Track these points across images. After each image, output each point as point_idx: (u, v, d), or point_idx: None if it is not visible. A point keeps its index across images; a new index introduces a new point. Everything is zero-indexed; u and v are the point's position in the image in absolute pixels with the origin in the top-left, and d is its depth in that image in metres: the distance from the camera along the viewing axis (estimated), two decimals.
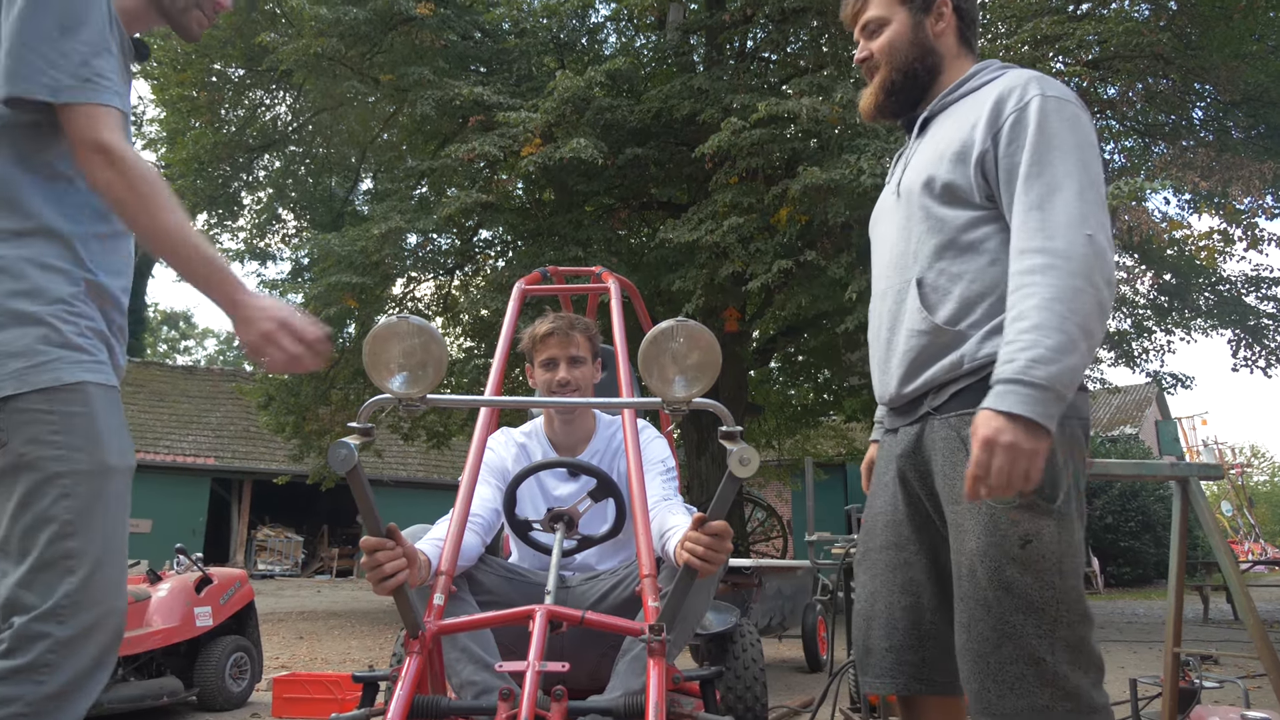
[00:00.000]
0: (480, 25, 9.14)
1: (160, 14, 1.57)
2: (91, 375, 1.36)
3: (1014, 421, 1.34)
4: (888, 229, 1.74)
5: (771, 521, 12.32)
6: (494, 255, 10.62)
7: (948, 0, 1.72)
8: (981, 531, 1.46)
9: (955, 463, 1.52)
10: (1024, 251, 1.44)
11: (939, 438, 1.56)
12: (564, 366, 2.35)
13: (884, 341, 1.69)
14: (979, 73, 1.69)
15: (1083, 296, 1.38)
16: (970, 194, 1.56)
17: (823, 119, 6.93)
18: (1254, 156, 8.47)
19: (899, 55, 1.71)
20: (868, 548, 1.74)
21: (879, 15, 1.72)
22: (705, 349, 1.43)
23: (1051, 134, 1.48)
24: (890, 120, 1.80)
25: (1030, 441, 1.34)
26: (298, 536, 18.61)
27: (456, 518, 2.00)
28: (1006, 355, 1.39)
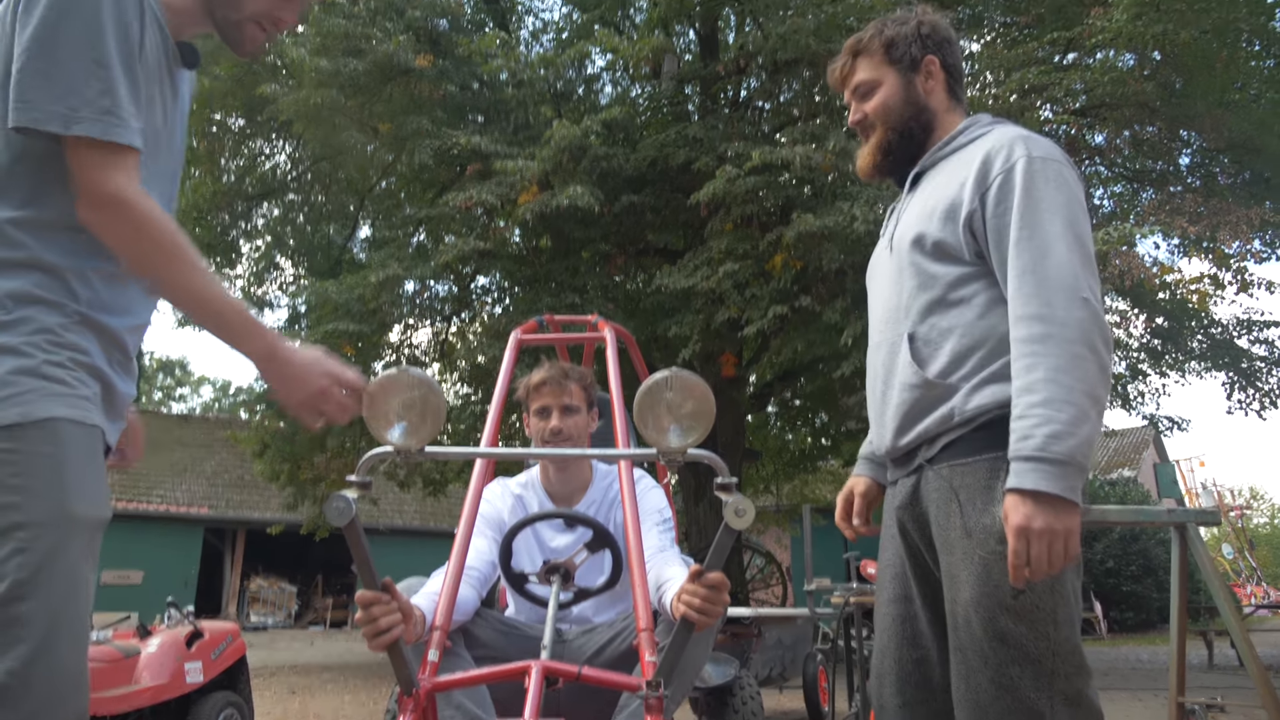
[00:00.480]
0: (478, 76, 9.29)
1: (211, 22, 1.41)
2: (67, 410, 1.18)
3: (1041, 502, 1.35)
4: (881, 283, 1.76)
5: (771, 568, 12.20)
6: (491, 302, 10.67)
7: (934, 58, 1.74)
8: (975, 581, 1.46)
9: (948, 513, 1.52)
10: (1022, 318, 1.45)
11: (932, 489, 1.57)
12: (557, 415, 2.35)
13: (879, 395, 1.71)
14: (968, 128, 1.71)
15: (1086, 364, 1.39)
16: (959, 251, 1.58)
17: (815, 167, 7.03)
18: (1241, 202, 8.58)
19: (894, 116, 1.73)
20: (880, 600, 1.73)
21: (869, 78, 1.75)
22: (700, 399, 1.42)
23: (1039, 196, 1.49)
24: (889, 179, 1.82)
25: (1062, 520, 1.35)
26: (291, 587, 18.37)
27: (452, 571, 1.98)
28: (1021, 431, 1.39)
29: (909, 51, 1.73)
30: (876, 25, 1.79)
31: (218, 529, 17.97)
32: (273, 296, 12.69)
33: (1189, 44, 7.25)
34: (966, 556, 1.47)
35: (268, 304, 12.67)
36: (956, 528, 1.50)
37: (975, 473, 1.51)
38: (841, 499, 1.92)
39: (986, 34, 10.44)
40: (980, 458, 1.51)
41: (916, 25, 1.75)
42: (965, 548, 1.48)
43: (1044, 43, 8.05)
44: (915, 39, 1.73)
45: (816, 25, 7.36)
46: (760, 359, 8.97)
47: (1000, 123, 1.70)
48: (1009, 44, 9.25)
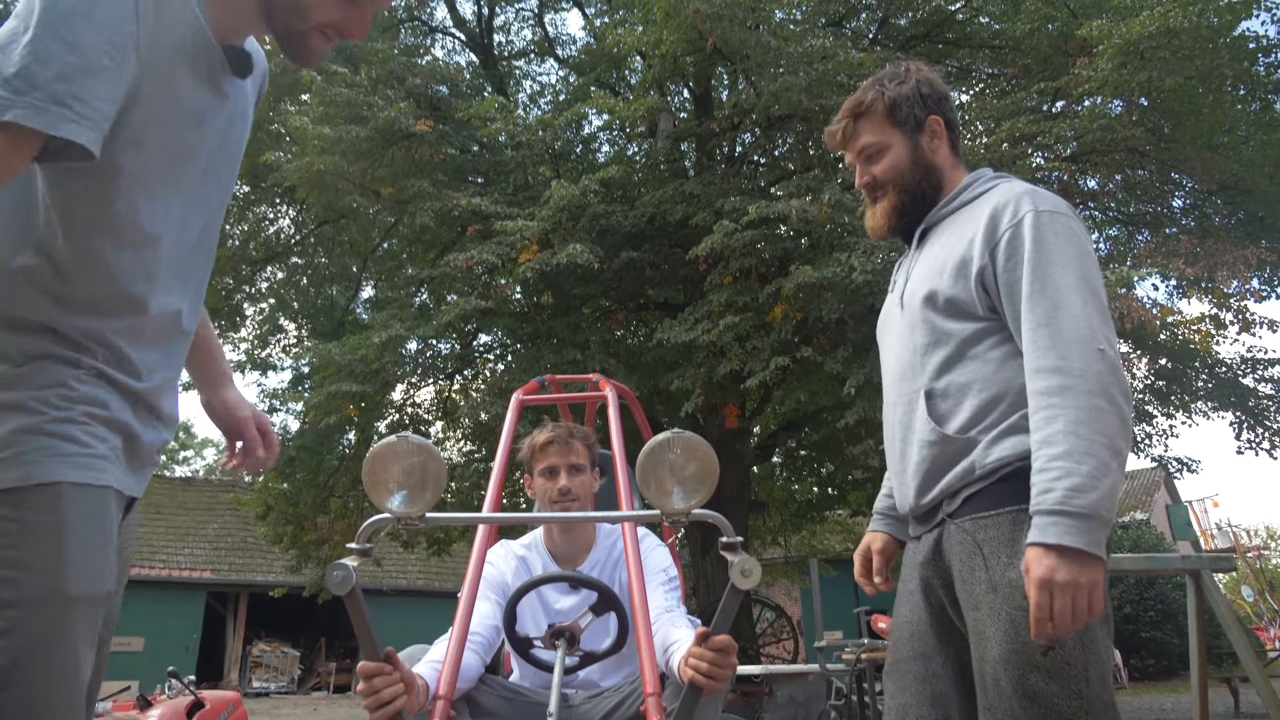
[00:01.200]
0: (478, 139, 9.46)
1: (269, 28, 1.27)
2: (75, 473, 1.08)
3: (1064, 556, 1.33)
4: (893, 339, 1.77)
5: (781, 622, 12.01)
6: (493, 359, 10.70)
7: (938, 117, 1.74)
8: (1003, 639, 1.42)
9: (972, 568, 1.50)
10: (1039, 371, 1.44)
11: (955, 543, 1.55)
12: (565, 475, 2.34)
13: (898, 453, 1.70)
14: (973, 184, 1.72)
15: (1106, 416, 1.38)
16: (973, 307, 1.58)
17: (812, 219, 7.11)
18: (1236, 242, 8.65)
19: (905, 178, 1.73)
20: (896, 658, 1.70)
21: (875, 140, 1.74)
22: (702, 460, 1.43)
23: (1049, 249, 1.50)
24: (899, 238, 1.82)
25: (1086, 574, 1.33)
26: (294, 651, 18.09)
27: (455, 637, 1.95)
28: (1042, 485, 1.37)
29: (913, 113, 1.73)
30: (875, 86, 1.77)
31: (220, 593, 17.77)
32: (276, 359, 12.74)
33: (1175, 90, 7.38)
34: (993, 612, 1.45)
35: (271, 366, 12.73)
36: (981, 583, 1.48)
37: (998, 526, 1.49)
38: (859, 556, 1.91)
39: (975, 85, 10.65)
40: (1003, 510, 1.49)
41: (916, 85, 1.75)
42: (991, 603, 1.45)
43: (1032, 92, 8.20)
44: (917, 99, 1.73)
45: (808, 82, 7.50)
46: (763, 410, 8.96)
47: (1004, 178, 1.71)
48: (997, 94, 9.43)
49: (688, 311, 7.97)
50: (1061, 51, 8.59)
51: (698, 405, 7.77)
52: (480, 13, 12.38)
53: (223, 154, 1.30)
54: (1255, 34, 8.52)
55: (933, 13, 10.00)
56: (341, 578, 1.32)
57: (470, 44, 12.50)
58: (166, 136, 1.16)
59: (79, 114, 1.00)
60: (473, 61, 12.28)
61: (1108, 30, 6.99)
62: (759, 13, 7.70)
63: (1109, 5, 8.11)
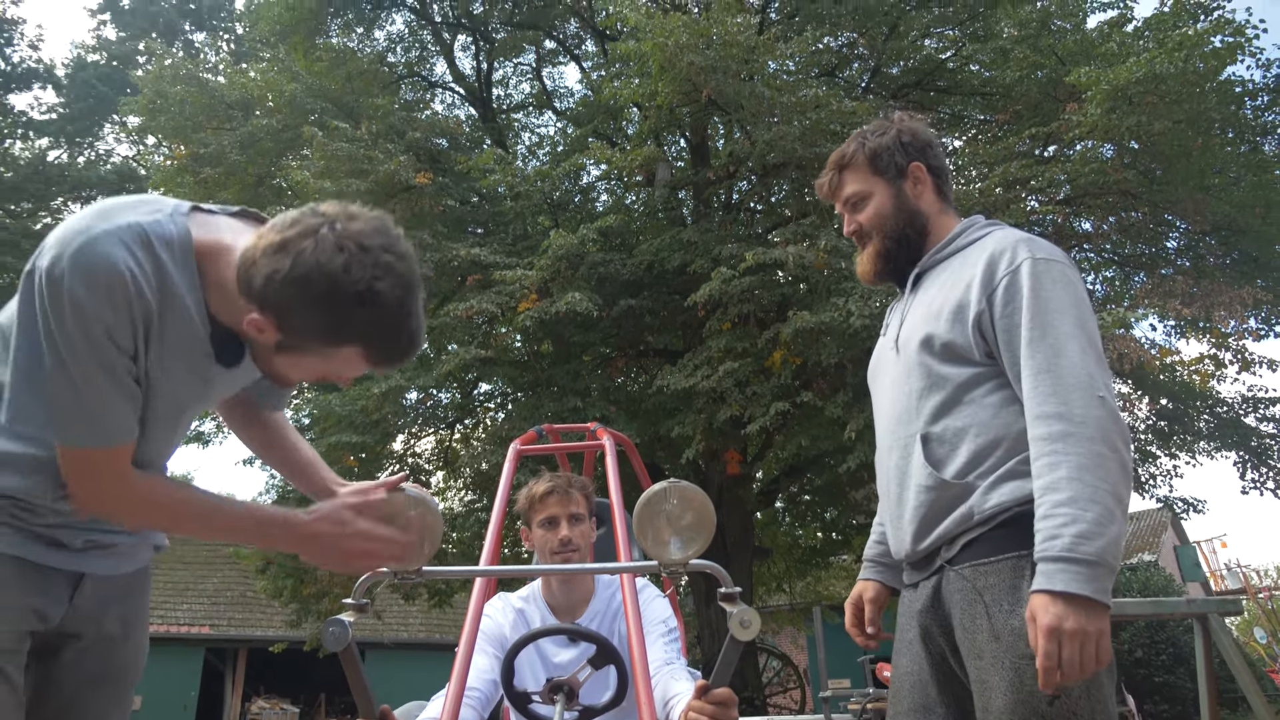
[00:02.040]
0: (477, 190, 9.58)
1: None
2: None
3: (1072, 604, 1.31)
4: (886, 383, 1.76)
5: (788, 671, 11.82)
6: (494, 408, 10.70)
7: (920, 164, 1.77)
8: (1007, 688, 1.40)
9: (973, 616, 1.48)
10: (1040, 417, 1.44)
11: (955, 590, 1.53)
12: (565, 525, 2.32)
13: (894, 498, 1.68)
14: (966, 230, 1.74)
15: (1108, 463, 1.38)
16: (970, 352, 1.58)
17: (809, 265, 7.17)
18: (1232, 282, 8.69)
19: (888, 224, 1.76)
20: (897, 710, 1.67)
21: (859, 189, 1.79)
22: (699, 509, 1.42)
23: (1046, 296, 1.51)
24: (890, 282, 1.84)
25: (1094, 622, 1.31)
26: (294, 707, 17.76)
27: (452, 694, 1.92)
28: (1048, 531, 1.36)
29: (894, 160, 1.77)
30: (858, 138, 1.81)
31: (219, 649, 17.51)
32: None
33: (1164, 133, 7.49)
34: (996, 662, 1.42)
35: None
36: (983, 631, 1.46)
37: (999, 573, 1.47)
38: (851, 606, 1.88)
39: (968, 131, 10.82)
40: (1003, 557, 1.47)
41: (897, 134, 1.79)
42: (994, 652, 1.43)
43: (1023, 137, 8.32)
44: (898, 148, 1.77)
45: (802, 131, 7.62)
46: (765, 456, 8.94)
47: (998, 225, 1.72)
48: (989, 140, 9.57)
49: (687, 358, 7.99)
50: (1051, 97, 8.75)
51: (699, 451, 7.75)
52: (479, 68, 12.63)
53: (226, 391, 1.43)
54: (1241, 79, 8.69)
55: (923, 61, 10.20)
56: (337, 634, 1.30)
57: (469, 98, 12.72)
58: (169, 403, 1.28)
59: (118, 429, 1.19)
60: (472, 115, 12.50)
61: (1095, 76, 7.12)
62: (752, 64, 7.85)
63: (1096, 52, 8.27)
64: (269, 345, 1.19)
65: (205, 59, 16.14)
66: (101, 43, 20.31)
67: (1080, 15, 9.45)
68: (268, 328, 1.15)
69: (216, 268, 1.21)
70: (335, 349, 1.18)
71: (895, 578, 1.83)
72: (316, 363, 1.22)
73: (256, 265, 1.13)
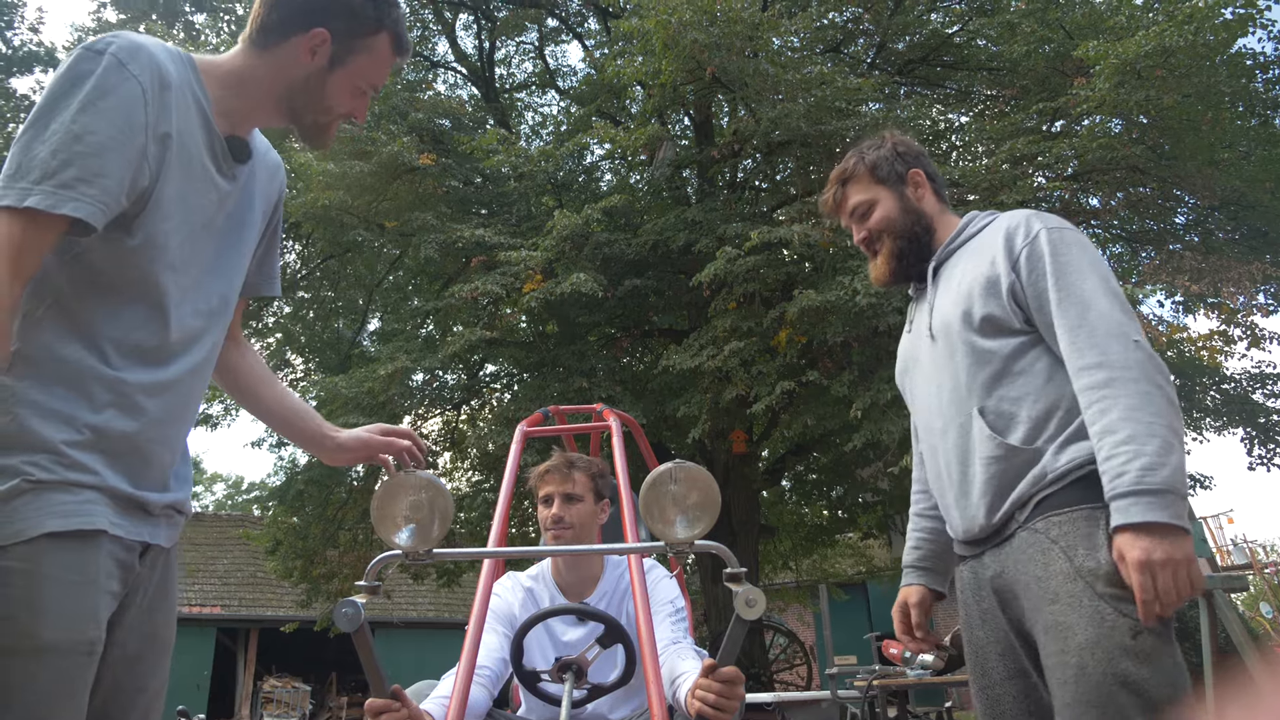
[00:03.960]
0: (480, 171, 9.55)
1: (290, 120, 1.41)
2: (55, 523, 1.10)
3: (1155, 534, 1.35)
4: (928, 373, 1.79)
5: (794, 648, 11.89)
6: (500, 389, 10.72)
7: (918, 170, 1.88)
8: (1088, 624, 1.42)
9: (1047, 563, 1.50)
10: (1083, 369, 1.50)
11: (1025, 545, 1.55)
12: (558, 503, 2.35)
13: (957, 477, 1.70)
14: (972, 221, 1.83)
15: (1156, 399, 1.43)
16: (1010, 321, 1.64)
17: (814, 243, 7.14)
18: (1240, 257, 8.64)
19: (897, 225, 1.85)
20: (987, 682, 1.68)
21: (864, 199, 1.88)
22: (704, 489, 1.44)
23: (1066, 260, 1.59)
24: (905, 283, 1.91)
25: (1179, 548, 1.35)
26: (305, 686, 17.95)
27: (462, 673, 1.94)
28: (1114, 470, 1.41)
29: (894, 168, 1.87)
30: (855, 154, 1.92)
31: (230, 629, 17.69)
32: None
33: (1173, 107, 7.42)
34: (1074, 601, 1.44)
35: None
36: (1060, 574, 1.47)
37: (1073, 522, 1.50)
38: (897, 612, 1.92)
39: (975, 106, 10.72)
40: (1078, 508, 1.50)
41: (893, 146, 1.90)
42: (1072, 592, 1.45)
43: (1031, 113, 8.24)
44: (895, 157, 1.88)
45: (807, 108, 7.56)
46: (771, 435, 8.94)
47: (999, 213, 1.80)
48: (997, 116, 9.49)
49: (692, 338, 7.98)
50: (1059, 72, 8.66)
51: (705, 431, 7.76)
52: (481, 47, 12.55)
53: (239, 233, 1.40)
54: (1252, 51, 8.59)
55: (929, 36, 10.10)
56: (350, 615, 1.32)
57: (472, 78, 12.65)
58: (190, 212, 1.26)
59: (81, 195, 1.10)
60: (475, 95, 12.43)
61: (1104, 50, 7.04)
62: (756, 41, 7.78)
63: (1104, 26, 8.17)
64: (321, 67, 1.34)
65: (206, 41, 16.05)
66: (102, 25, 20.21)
67: None
68: (322, 41, 1.33)
69: (213, 79, 1.31)
70: (375, 36, 1.37)
71: (938, 580, 1.90)
72: (362, 65, 1.37)
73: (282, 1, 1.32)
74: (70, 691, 1.10)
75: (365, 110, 1.46)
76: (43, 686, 1.06)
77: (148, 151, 1.18)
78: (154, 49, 1.20)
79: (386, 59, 1.42)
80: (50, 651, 1.07)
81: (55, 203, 1.08)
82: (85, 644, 1.12)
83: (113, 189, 1.13)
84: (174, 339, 1.27)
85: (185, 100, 1.24)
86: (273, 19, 1.33)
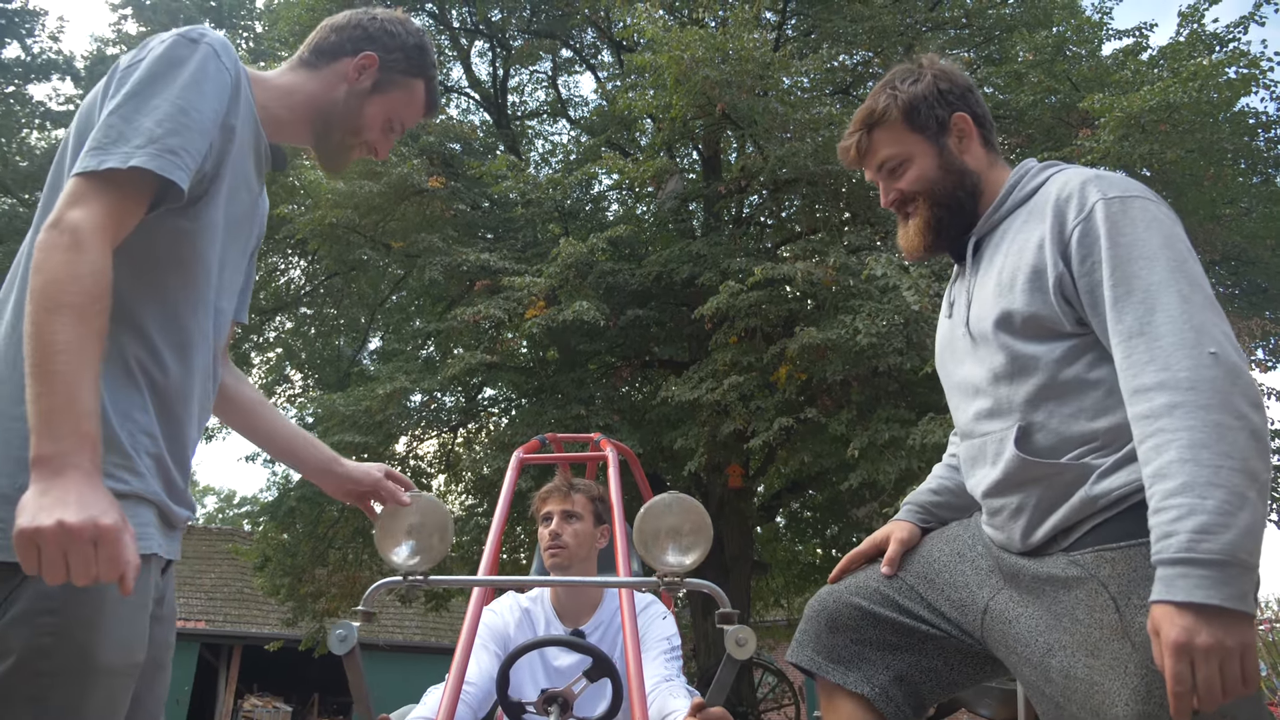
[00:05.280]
0: (488, 196, 9.62)
1: (318, 137, 1.45)
2: None
3: (1203, 615, 1.06)
4: (964, 373, 1.50)
5: (783, 687, 11.75)
6: (497, 413, 10.71)
7: (963, 114, 1.52)
8: (1132, 698, 1.15)
9: (1092, 608, 1.23)
10: (1139, 391, 1.19)
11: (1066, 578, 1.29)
12: (557, 520, 2.38)
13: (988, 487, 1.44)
14: (1022, 179, 1.48)
15: (1231, 434, 1.11)
16: (1058, 323, 1.33)
17: (817, 281, 7.18)
18: (1240, 313, 8.67)
19: (936, 189, 1.51)
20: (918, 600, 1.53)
21: (896, 152, 1.53)
22: (697, 519, 1.50)
23: (1129, 243, 1.26)
24: (942, 255, 1.60)
25: (1234, 635, 1.06)
26: (287, 706, 17.73)
27: (448, 698, 1.93)
28: (1162, 528, 1.11)
29: (934, 114, 1.51)
30: (887, 89, 1.54)
31: (214, 645, 17.49)
32: (281, 409, 12.77)
33: (1176, 162, 7.49)
34: (1119, 666, 1.17)
35: None
36: (1105, 626, 1.20)
37: (1130, 560, 1.22)
38: (867, 542, 1.65)
39: None
40: (1134, 543, 1.22)
41: (933, 81, 1.53)
42: (1118, 654, 1.18)
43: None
44: (937, 98, 1.51)
45: (814, 148, 7.64)
46: (767, 470, 8.93)
47: (1057, 166, 1.47)
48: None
49: (692, 370, 8.00)
50: (1064, 123, 8.75)
51: (701, 464, 7.74)
52: (495, 74, 12.70)
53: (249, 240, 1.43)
54: (1255, 110, 8.70)
55: None
56: (343, 637, 1.37)
57: (484, 104, 12.79)
58: (234, 206, 1.30)
59: (181, 165, 1.13)
60: (486, 120, 12.55)
61: (1109, 104, 7.13)
62: (767, 80, 7.88)
63: (1110, 80, 8.29)
64: (364, 89, 1.42)
65: None
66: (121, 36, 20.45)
67: (1095, 42, 9.48)
68: (370, 64, 1.42)
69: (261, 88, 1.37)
70: (414, 79, 1.47)
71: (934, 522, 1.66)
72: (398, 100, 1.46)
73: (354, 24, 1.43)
74: (115, 712, 1.10)
75: (389, 149, 1.51)
76: (91, 708, 1.05)
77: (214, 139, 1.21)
78: (232, 48, 1.27)
79: (419, 105, 1.50)
80: (104, 673, 1.06)
81: (162, 165, 1.10)
82: (134, 667, 1.12)
83: (197, 165, 1.17)
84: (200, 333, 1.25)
85: (247, 99, 1.29)
86: (330, 41, 1.43)
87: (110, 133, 1.11)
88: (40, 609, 1.02)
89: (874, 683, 1.50)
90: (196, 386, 1.25)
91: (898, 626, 1.51)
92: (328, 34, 1.43)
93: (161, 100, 1.13)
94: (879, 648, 1.52)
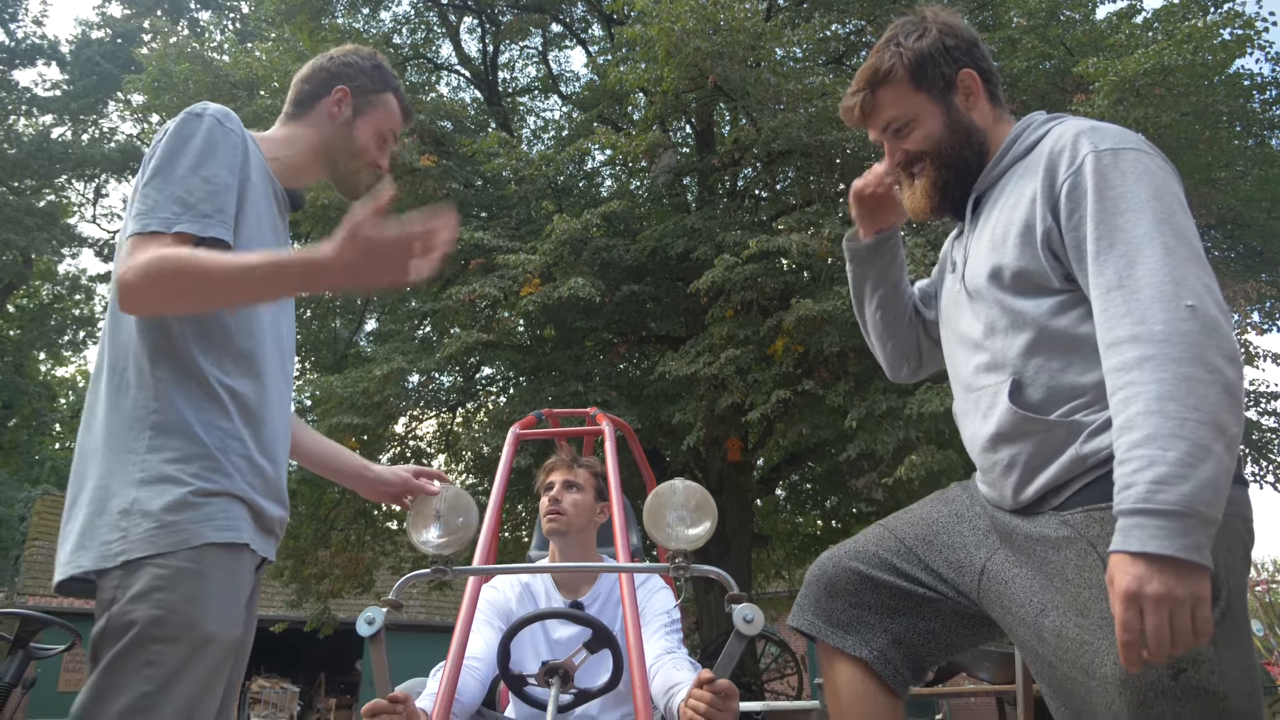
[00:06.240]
0: (481, 174, 9.56)
1: (330, 171, 1.65)
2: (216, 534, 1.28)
3: (1156, 564, 1.07)
4: (962, 329, 1.51)
5: (785, 657, 11.87)
6: (495, 392, 10.72)
7: (971, 71, 1.50)
8: None
9: (1081, 568, 1.25)
10: (1113, 344, 1.19)
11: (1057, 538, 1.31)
12: (558, 488, 2.41)
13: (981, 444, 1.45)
14: (1023, 133, 1.47)
15: (1201, 387, 1.11)
16: (1047, 279, 1.33)
17: (813, 253, 7.15)
18: (1236, 276, 8.68)
19: (944, 150, 1.49)
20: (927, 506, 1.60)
21: (902, 112, 1.50)
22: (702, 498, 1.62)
23: (1115, 195, 1.25)
24: (949, 216, 1.58)
25: (1186, 585, 1.07)
26: (294, 687, 17.90)
27: (449, 673, 1.95)
28: (1123, 479, 1.13)
29: (940, 71, 1.48)
30: (890, 46, 1.51)
31: None
32: None
33: (1171, 126, 7.45)
34: (1106, 624, 1.18)
35: None
36: (1094, 586, 1.21)
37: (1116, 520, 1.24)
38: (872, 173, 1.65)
39: None
40: None
41: (939, 37, 1.50)
42: (1105, 613, 1.19)
43: None
44: (943, 54, 1.49)
45: (808, 119, 7.60)
46: (766, 443, 8.95)
47: (1058, 118, 1.45)
48: None
49: (689, 344, 7.99)
50: (1059, 88, 8.69)
51: (700, 438, 7.77)
52: (485, 50, 12.58)
53: None
54: (1250, 72, 8.62)
55: None
56: (372, 620, 1.51)
57: (475, 81, 12.68)
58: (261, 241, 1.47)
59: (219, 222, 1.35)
60: (477, 98, 12.45)
61: (1104, 68, 7.08)
62: (759, 51, 7.81)
63: (1104, 44, 8.22)
64: (347, 118, 1.62)
65: (210, 37, 16.08)
66: (106, 19, 20.24)
67: (1089, 6, 9.40)
68: (344, 96, 1.62)
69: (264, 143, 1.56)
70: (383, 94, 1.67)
71: None
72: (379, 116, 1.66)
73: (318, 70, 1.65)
74: (218, 682, 1.27)
75: (387, 160, 1.71)
76: (198, 675, 1.22)
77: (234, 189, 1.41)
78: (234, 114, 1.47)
79: (397, 113, 1.71)
80: (211, 643, 1.24)
81: (203, 227, 1.32)
82: (235, 641, 1.30)
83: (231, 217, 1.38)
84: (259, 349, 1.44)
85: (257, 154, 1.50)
86: (305, 91, 1.64)
87: (143, 205, 1.32)
88: (154, 587, 1.21)
89: (872, 646, 1.53)
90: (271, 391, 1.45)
91: (895, 590, 1.54)
92: (300, 86, 1.65)
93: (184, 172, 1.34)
94: (877, 611, 1.55)
